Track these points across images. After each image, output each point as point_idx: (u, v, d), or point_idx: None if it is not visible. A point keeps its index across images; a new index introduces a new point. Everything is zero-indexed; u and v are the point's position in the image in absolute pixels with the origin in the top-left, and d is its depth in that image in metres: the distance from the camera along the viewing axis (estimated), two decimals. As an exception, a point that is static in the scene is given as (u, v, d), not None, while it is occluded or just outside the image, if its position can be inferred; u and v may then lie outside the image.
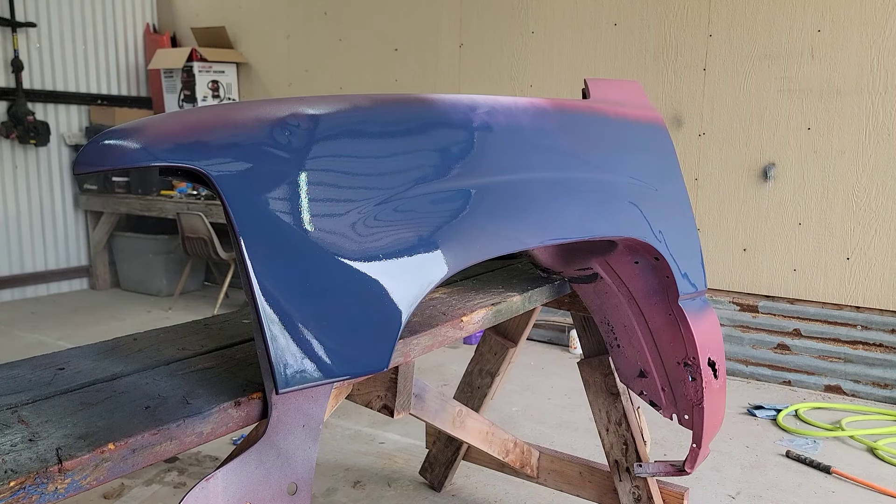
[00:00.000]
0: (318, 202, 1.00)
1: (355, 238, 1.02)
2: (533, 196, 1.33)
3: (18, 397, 1.00)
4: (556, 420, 3.16)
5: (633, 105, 1.69)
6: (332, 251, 1.00)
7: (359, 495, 2.45)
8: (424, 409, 1.61)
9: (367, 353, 1.01)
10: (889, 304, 3.44)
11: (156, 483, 2.51)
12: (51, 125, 5.37)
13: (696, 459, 1.76)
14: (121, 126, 0.89)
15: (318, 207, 0.99)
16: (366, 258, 1.03)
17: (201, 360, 1.17)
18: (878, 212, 3.43)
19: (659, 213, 1.60)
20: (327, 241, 0.99)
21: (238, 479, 0.94)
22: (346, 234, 1.01)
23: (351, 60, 5.14)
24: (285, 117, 1.00)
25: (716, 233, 3.85)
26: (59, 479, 0.80)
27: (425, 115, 1.21)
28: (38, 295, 5.47)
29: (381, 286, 1.03)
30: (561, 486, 2.23)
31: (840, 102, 3.46)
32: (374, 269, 1.03)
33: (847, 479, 2.62)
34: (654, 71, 3.94)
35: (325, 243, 0.99)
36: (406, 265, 1.07)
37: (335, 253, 1.00)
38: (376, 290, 1.03)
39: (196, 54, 5.46)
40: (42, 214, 5.46)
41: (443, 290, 1.65)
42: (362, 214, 1.04)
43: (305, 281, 0.96)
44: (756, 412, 3.28)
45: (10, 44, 5.13)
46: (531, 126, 1.38)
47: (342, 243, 1.01)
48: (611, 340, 1.86)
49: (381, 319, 1.03)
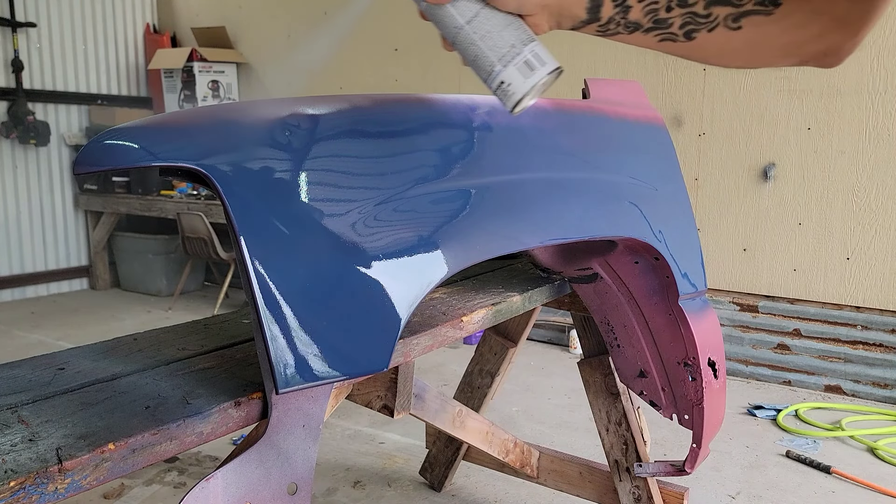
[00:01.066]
0: (317, 202, 1.00)
1: (355, 238, 1.02)
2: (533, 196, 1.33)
3: (18, 397, 1.00)
4: (556, 420, 3.16)
5: (634, 105, 1.69)
6: (332, 251, 1.00)
7: (359, 495, 2.45)
8: (424, 409, 1.61)
9: (367, 353, 1.01)
10: (889, 304, 3.44)
11: (156, 483, 2.51)
12: (51, 125, 5.37)
13: (696, 459, 1.76)
14: (121, 126, 0.89)
15: (317, 207, 0.99)
16: (366, 258, 1.03)
17: (201, 360, 1.17)
18: (878, 212, 3.43)
19: (659, 213, 1.60)
20: (327, 240, 0.99)
21: (238, 479, 0.94)
22: (346, 234, 1.01)
23: (351, 60, 5.14)
24: (285, 117, 1.00)
25: (716, 233, 3.85)
26: (59, 479, 0.80)
27: (425, 115, 1.22)
28: (38, 295, 5.47)
29: (381, 286, 1.03)
30: (561, 486, 2.23)
31: (840, 102, 3.46)
32: (374, 268, 1.03)
33: (847, 479, 2.62)
34: (654, 71, 3.94)
35: (325, 243, 0.99)
36: (406, 265, 1.07)
37: (335, 253, 1.00)
38: (376, 290, 1.03)
39: (196, 54, 5.46)
40: (42, 214, 5.46)
41: (443, 290, 1.65)
42: (362, 214, 1.04)
43: (305, 281, 0.96)
44: (756, 412, 3.28)
45: (10, 44, 5.13)
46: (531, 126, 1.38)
47: (342, 243, 1.01)
48: (611, 340, 1.86)
49: (381, 319, 1.03)
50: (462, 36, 0.83)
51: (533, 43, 0.82)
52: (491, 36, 0.81)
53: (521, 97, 0.84)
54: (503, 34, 0.81)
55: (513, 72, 0.82)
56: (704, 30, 0.76)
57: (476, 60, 0.83)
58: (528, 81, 0.82)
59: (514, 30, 0.82)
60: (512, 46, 0.81)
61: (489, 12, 0.81)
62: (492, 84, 0.84)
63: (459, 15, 0.82)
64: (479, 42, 0.82)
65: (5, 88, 5.14)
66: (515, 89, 0.83)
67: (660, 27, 0.77)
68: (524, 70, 0.81)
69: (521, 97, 0.84)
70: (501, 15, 0.81)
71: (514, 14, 0.82)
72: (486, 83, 0.85)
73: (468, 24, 0.81)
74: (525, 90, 0.83)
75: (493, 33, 0.81)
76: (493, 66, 0.82)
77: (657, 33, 0.78)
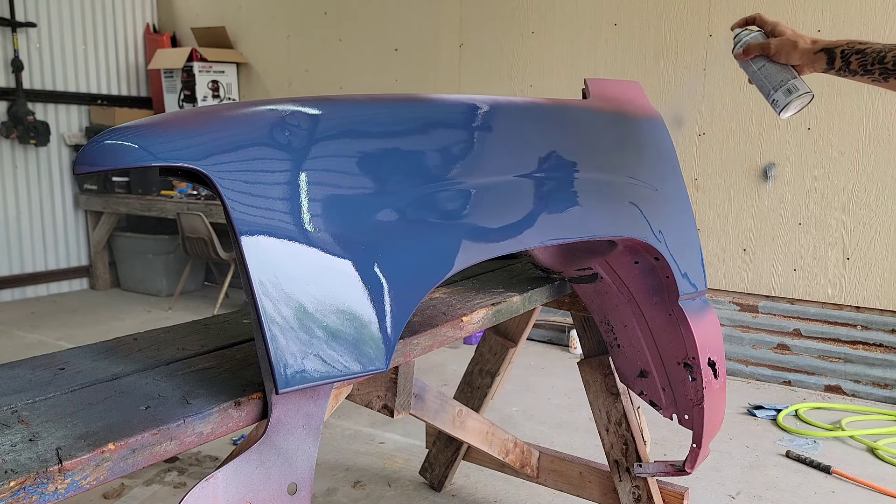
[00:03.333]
0: (317, 202, 1.00)
1: (355, 238, 1.02)
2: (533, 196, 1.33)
3: (18, 397, 1.00)
4: (556, 420, 3.16)
5: (634, 105, 1.69)
6: (332, 251, 1.00)
7: (359, 495, 2.45)
8: (424, 409, 1.62)
9: (367, 353, 1.01)
10: (889, 304, 3.44)
11: (156, 483, 2.51)
12: (51, 125, 5.37)
13: (696, 459, 1.76)
14: (121, 126, 0.89)
15: (317, 207, 0.99)
16: (366, 258, 1.03)
17: (201, 360, 1.17)
18: (878, 212, 3.43)
19: (659, 213, 1.61)
20: (327, 240, 0.99)
21: (238, 478, 0.94)
22: (345, 234, 1.01)
23: (351, 60, 5.14)
24: (285, 117, 1.00)
25: (716, 233, 3.85)
26: (59, 479, 0.80)
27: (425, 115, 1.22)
28: (38, 295, 5.47)
29: (381, 286, 1.03)
30: (561, 486, 2.23)
31: (840, 102, 3.46)
32: (373, 269, 1.03)
33: (847, 479, 2.62)
34: (654, 71, 3.94)
35: (325, 243, 0.99)
36: (406, 265, 1.07)
37: (335, 253, 1.00)
38: (376, 290, 1.03)
39: (196, 54, 5.46)
40: (42, 214, 5.46)
41: (443, 290, 1.65)
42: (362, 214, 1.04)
43: (305, 281, 0.96)
44: (756, 412, 3.28)
45: (10, 44, 5.13)
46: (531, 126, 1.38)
47: (342, 243, 1.01)
48: (611, 340, 1.86)
49: (381, 320, 1.03)
50: (757, 76, 1.47)
51: (795, 79, 1.43)
52: (772, 75, 1.45)
53: (781, 108, 1.44)
54: (778, 75, 1.44)
55: (780, 94, 1.43)
56: (893, 77, 1.30)
57: (762, 88, 1.46)
58: (787, 99, 1.43)
59: (785, 73, 1.43)
60: (782, 81, 1.43)
61: (771, 64, 1.45)
62: (769, 100, 1.46)
63: (754, 64, 1.47)
64: (763, 79, 1.46)
65: (5, 88, 5.14)
66: (780, 104, 1.44)
67: (868, 74, 1.32)
68: (786, 93, 1.43)
69: (782, 108, 1.45)
70: (779, 65, 1.44)
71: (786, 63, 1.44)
72: (767, 100, 1.46)
73: (759, 70, 1.47)
74: (785, 104, 1.43)
75: (772, 74, 1.45)
76: (769, 92, 1.45)
77: (868, 77, 1.32)
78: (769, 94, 1.45)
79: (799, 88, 1.42)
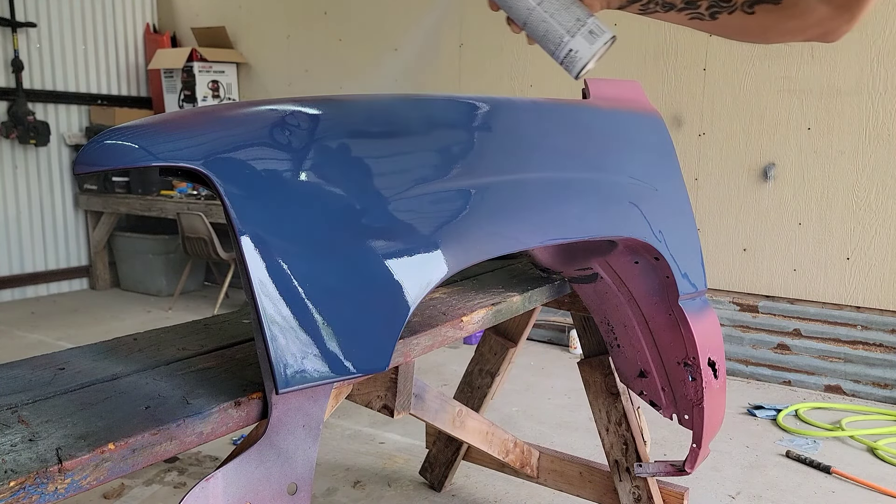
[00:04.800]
0: (317, 202, 1.00)
1: (355, 238, 1.02)
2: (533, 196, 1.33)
3: (18, 397, 1.00)
4: (556, 420, 3.16)
5: (633, 105, 1.69)
6: (332, 251, 1.00)
7: (359, 495, 2.45)
8: (424, 409, 1.61)
9: (367, 353, 1.01)
10: (889, 304, 3.44)
11: (156, 483, 2.51)
12: (51, 125, 5.37)
13: (696, 459, 1.76)
14: (121, 126, 0.89)
15: (317, 207, 0.99)
16: (365, 258, 1.03)
17: (201, 360, 1.17)
18: (878, 212, 3.43)
19: (659, 213, 1.60)
20: (327, 241, 1.00)
21: (238, 479, 0.94)
22: (345, 234, 1.01)
23: (351, 60, 5.14)
24: (285, 117, 1.00)
25: (716, 233, 3.85)
26: (59, 479, 0.80)
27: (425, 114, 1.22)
28: (38, 295, 5.47)
29: (381, 286, 1.03)
30: (561, 486, 2.23)
31: (840, 102, 3.46)
32: (373, 269, 1.03)
33: (847, 479, 2.62)
34: (654, 71, 3.94)
35: (325, 243, 0.99)
36: (406, 265, 1.07)
37: (335, 253, 1.00)
38: (376, 290, 1.03)
39: (196, 54, 5.46)
40: (42, 214, 5.46)
41: (443, 290, 1.65)
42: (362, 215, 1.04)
43: (305, 281, 0.96)
44: (756, 412, 3.28)
45: (10, 44, 5.13)
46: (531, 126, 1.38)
47: (342, 243, 1.01)
48: (611, 340, 1.86)
49: (381, 319, 1.03)
50: (534, 16, 1.01)
51: (592, 17, 1.00)
52: (559, 13, 0.99)
53: (586, 62, 1.02)
54: (568, 11, 0.99)
55: (580, 40, 1.00)
56: (725, 12, 0.93)
57: (546, 35, 1.01)
58: (592, 47, 1.00)
59: (577, 7, 1.00)
60: (577, 20, 0.99)
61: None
62: (560, 53, 1.02)
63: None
64: (549, 19, 1.00)
65: (5, 88, 5.14)
66: (582, 55, 1.00)
67: (690, 7, 0.94)
68: (589, 38, 0.99)
69: (587, 62, 1.02)
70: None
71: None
72: (554, 54, 1.03)
73: (539, 5, 1.00)
74: (590, 55, 1.01)
75: (560, 11, 0.99)
76: (562, 38, 1.00)
77: (688, 12, 0.95)
78: (559, 44, 1.01)
79: (603, 31, 1.01)
